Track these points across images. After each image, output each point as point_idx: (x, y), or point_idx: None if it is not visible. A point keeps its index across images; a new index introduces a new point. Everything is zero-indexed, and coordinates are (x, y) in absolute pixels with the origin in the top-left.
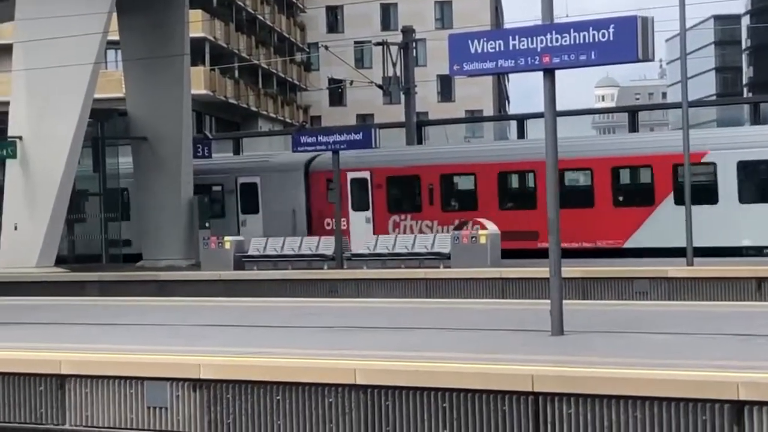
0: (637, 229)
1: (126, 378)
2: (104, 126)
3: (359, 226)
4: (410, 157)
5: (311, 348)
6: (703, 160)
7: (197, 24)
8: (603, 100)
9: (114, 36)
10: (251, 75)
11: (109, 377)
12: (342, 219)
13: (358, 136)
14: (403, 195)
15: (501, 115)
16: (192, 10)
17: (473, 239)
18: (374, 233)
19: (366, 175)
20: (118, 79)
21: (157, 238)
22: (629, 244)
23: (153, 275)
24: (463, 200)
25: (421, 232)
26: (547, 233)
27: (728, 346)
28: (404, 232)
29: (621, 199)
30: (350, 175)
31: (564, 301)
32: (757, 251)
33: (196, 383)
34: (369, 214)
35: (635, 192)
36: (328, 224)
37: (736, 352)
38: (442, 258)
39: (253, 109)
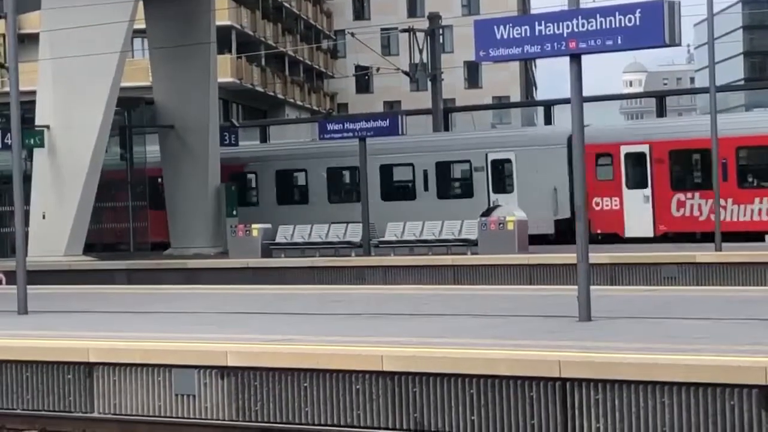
0: None
1: (153, 366)
2: (131, 114)
3: (635, 206)
4: (697, 128)
5: (338, 335)
6: None
7: (223, 12)
8: (631, 85)
9: (140, 24)
10: (278, 63)
11: (136, 365)
12: (614, 198)
13: (385, 123)
14: (690, 170)
15: (528, 101)
16: None
17: (501, 225)
18: (654, 214)
19: (644, 149)
20: (144, 68)
21: (185, 227)
22: None
23: (181, 263)
24: (760, 177)
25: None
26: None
27: (756, 331)
28: (691, 213)
29: None
30: (624, 149)
31: (591, 287)
32: None
33: (224, 371)
34: (648, 191)
35: None
36: (597, 204)
37: (763, 338)
38: (469, 244)
39: (280, 96)
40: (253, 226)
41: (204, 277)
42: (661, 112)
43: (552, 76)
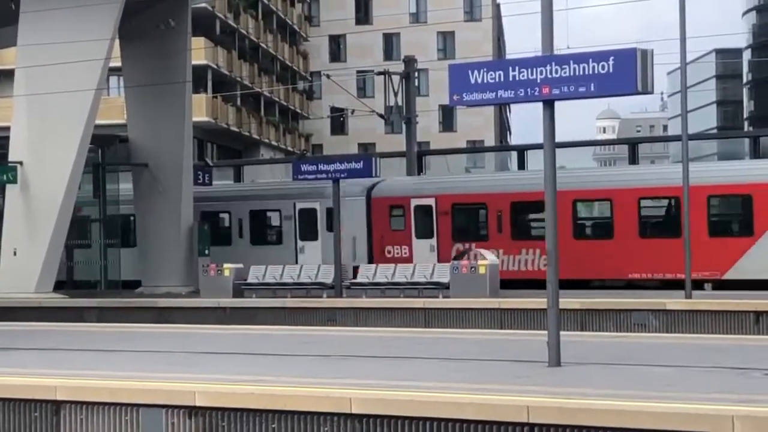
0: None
1: (121, 404)
2: (105, 152)
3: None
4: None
5: (307, 376)
6: None
7: (200, 51)
8: (604, 131)
9: (117, 62)
10: (253, 103)
11: (104, 404)
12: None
13: (359, 165)
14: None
15: (502, 145)
16: (195, 37)
17: (472, 269)
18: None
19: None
20: (120, 106)
21: (156, 265)
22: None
23: (152, 302)
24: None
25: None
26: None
27: (725, 379)
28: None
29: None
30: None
31: (562, 333)
32: None
33: (192, 410)
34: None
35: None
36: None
37: (732, 386)
38: (441, 288)
39: (255, 136)
40: (225, 265)
41: (175, 316)
42: (633, 159)
43: (527, 121)
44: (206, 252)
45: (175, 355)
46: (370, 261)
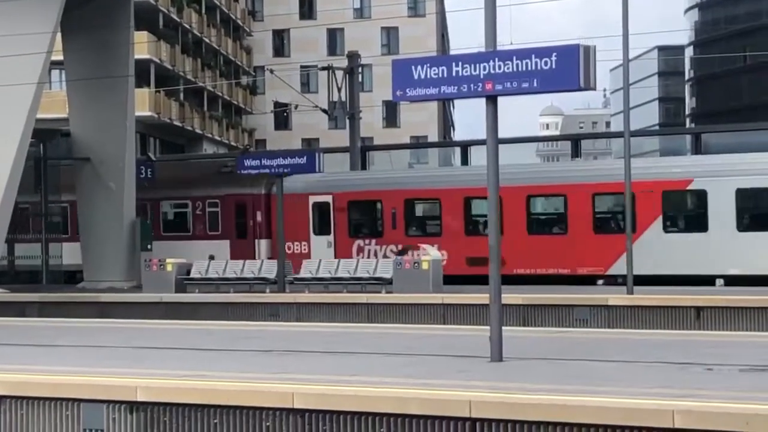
0: None
1: (62, 400)
2: (47, 146)
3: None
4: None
5: (250, 371)
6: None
7: (142, 45)
8: (547, 128)
9: (58, 56)
10: (196, 97)
11: (45, 399)
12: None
13: (302, 160)
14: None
15: (445, 141)
16: (137, 31)
17: (416, 265)
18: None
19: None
20: (62, 100)
21: (98, 260)
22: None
23: (94, 297)
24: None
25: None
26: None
27: (666, 374)
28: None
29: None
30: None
31: (504, 328)
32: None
33: (133, 406)
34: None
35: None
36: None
37: (673, 381)
38: (384, 283)
39: (198, 131)
40: (168, 260)
41: (117, 311)
42: (576, 154)
43: (471, 117)
44: (148, 247)
45: (116, 351)
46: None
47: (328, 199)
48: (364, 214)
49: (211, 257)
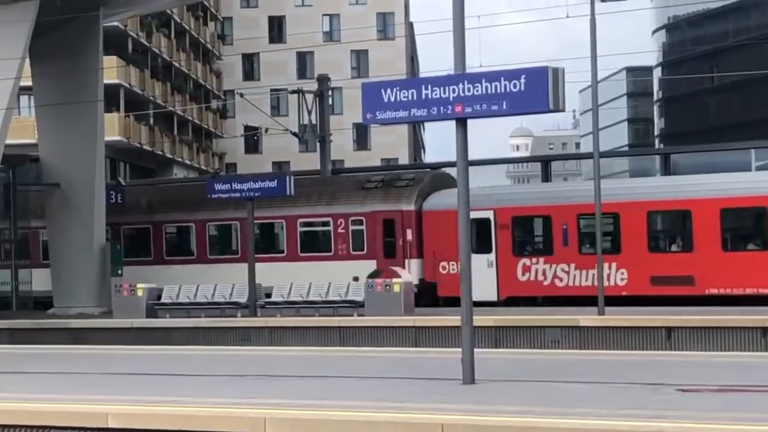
0: None
1: (34, 427)
2: (16, 172)
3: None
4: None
5: (222, 397)
6: None
7: (112, 70)
8: (518, 149)
9: (27, 82)
10: (166, 122)
11: (16, 426)
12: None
13: (273, 184)
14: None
15: (416, 163)
16: (106, 56)
17: (387, 287)
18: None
19: (489, 214)
20: (31, 125)
21: (69, 286)
22: None
23: (64, 323)
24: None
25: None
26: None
27: (637, 395)
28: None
29: None
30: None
31: (476, 350)
32: None
33: None
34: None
35: None
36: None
37: (644, 402)
38: (356, 306)
39: (168, 155)
40: (138, 285)
41: (87, 337)
42: (546, 176)
43: (442, 138)
44: (119, 272)
45: (87, 377)
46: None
47: (489, 214)
48: (531, 231)
49: (355, 279)
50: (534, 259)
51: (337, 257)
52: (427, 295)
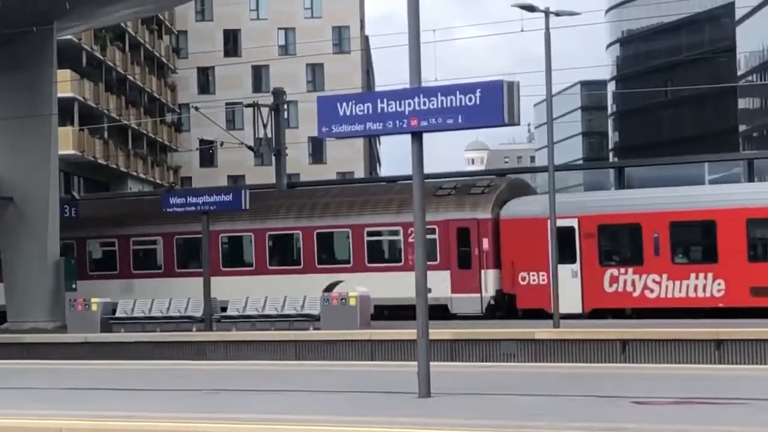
0: None
1: None
2: None
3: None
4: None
5: (177, 411)
6: None
7: (66, 84)
8: (473, 163)
9: None
10: (121, 135)
11: None
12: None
13: (228, 198)
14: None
15: (371, 177)
16: (60, 70)
17: (343, 301)
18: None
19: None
20: None
21: (22, 300)
22: None
23: (18, 338)
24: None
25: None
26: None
27: (593, 407)
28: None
29: None
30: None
31: (432, 363)
32: None
33: None
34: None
35: None
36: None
37: (600, 414)
38: (312, 320)
39: (123, 169)
40: (93, 300)
41: (41, 351)
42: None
43: (396, 152)
44: (73, 286)
45: (41, 392)
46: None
47: (573, 222)
48: (619, 240)
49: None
50: (622, 270)
51: (407, 268)
52: (504, 308)
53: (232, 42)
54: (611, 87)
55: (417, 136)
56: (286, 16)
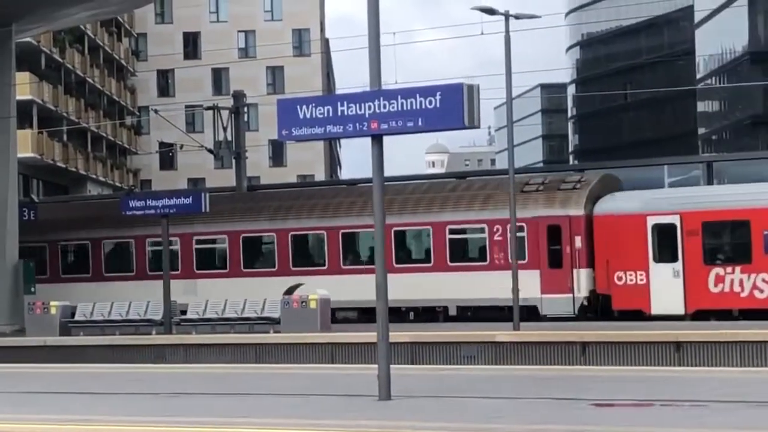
0: None
1: None
2: None
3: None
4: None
5: (136, 415)
6: None
7: (24, 86)
8: (433, 166)
9: None
10: (80, 138)
11: None
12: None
13: (188, 201)
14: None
15: (332, 180)
16: (19, 72)
17: (303, 304)
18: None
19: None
20: None
21: None
22: None
23: None
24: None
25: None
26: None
27: (552, 409)
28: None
29: None
30: (652, 220)
31: (392, 366)
32: None
33: None
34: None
35: None
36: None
37: (559, 416)
38: (272, 323)
39: (82, 172)
40: (52, 303)
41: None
42: None
43: (358, 155)
44: (32, 290)
45: None
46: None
47: (674, 219)
48: (726, 237)
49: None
50: (729, 269)
51: (493, 267)
52: (597, 309)
53: (191, 44)
54: (571, 90)
55: (377, 139)
56: (246, 18)
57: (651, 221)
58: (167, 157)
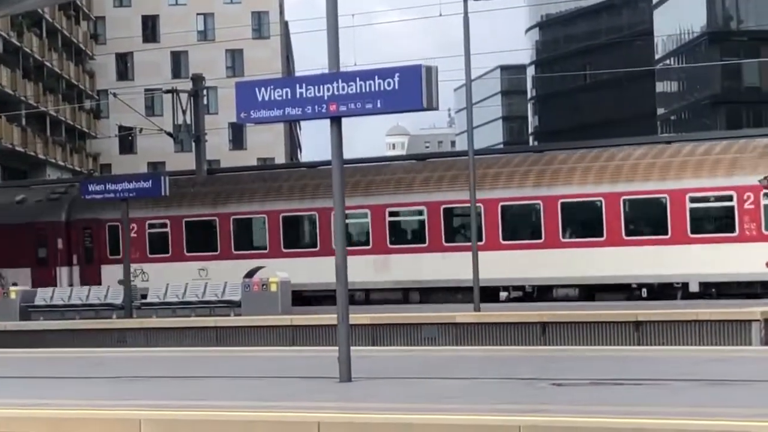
0: None
1: None
2: None
3: None
4: None
5: (96, 399)
6: None
7: None
8: (394, 148)
9: None
10: (39, 122)
11: None
12: None
13: (148, 184)
14: None
15: (292, 162)
16: None
17: (264, 287)
18: None
19: None
20: None
21: None
22: None
23: None
24: None
25: None
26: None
27: (513, 390)
28: None
29: None
30: None
31: (353, 348)
32: None
33: None
34: None
35: None
36: None
37: (520, 396)
38: (233, 306)
39: (41, 157)
40: (11, 288)
41: None
42: None
43: (318, 137)
44: None
45: None
46: None
47: None
48: None
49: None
50: None
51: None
52: None
53: (150, 28)
54: (531, 71)
55: (336, 121)
56: (205, 1)
57: None
58: (127, 141)
